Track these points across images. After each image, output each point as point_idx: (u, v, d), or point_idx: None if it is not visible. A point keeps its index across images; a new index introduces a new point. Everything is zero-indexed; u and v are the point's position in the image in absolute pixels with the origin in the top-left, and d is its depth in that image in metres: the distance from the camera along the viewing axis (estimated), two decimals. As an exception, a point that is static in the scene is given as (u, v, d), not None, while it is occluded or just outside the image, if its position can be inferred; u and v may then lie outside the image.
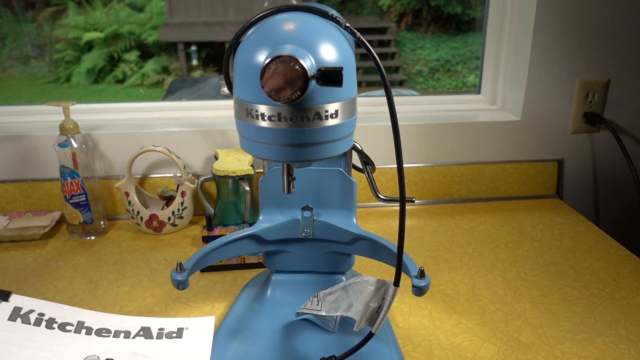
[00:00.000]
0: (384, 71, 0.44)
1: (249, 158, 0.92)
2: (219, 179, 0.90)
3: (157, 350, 0.61)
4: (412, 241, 0.92)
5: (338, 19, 0.46)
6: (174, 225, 0.94)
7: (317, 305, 0.61)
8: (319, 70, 0.43)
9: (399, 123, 0.53)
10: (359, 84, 0.52)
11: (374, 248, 0.64)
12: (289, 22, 0.46)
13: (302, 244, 0.68)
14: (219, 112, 1.09)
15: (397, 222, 0.99)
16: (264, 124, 0.47)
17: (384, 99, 0.66)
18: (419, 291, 0.55)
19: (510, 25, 1.06)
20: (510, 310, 0.73)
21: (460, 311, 0.73)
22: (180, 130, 0.99)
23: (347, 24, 0.46)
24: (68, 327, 0.64)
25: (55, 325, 0.64)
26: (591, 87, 1.04)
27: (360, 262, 0.84)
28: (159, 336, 0.64)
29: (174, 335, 0.64)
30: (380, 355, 0.60)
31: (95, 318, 0.66)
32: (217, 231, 0.88)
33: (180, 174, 0.92)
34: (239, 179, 0.90)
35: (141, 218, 0.93)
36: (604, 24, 1.00)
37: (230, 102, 1.07)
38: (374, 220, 1.00)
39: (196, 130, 1.00)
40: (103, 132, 0.98)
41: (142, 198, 0.96)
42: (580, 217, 1.01)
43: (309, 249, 0.68)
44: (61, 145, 0.88)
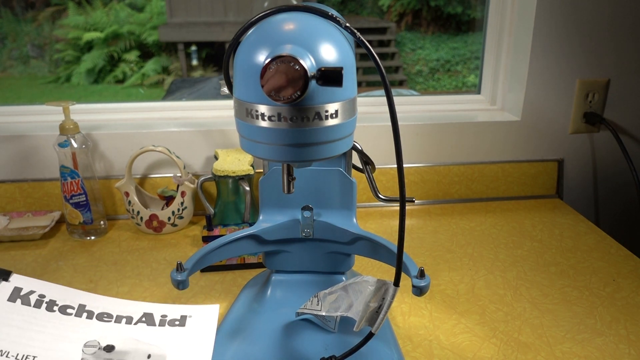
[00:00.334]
0: (384, 71, 0.44)
1: (249, 158, 0.92)
2: (219, 179, 0.90)
3: (159, 338, 0.60)
4: (412, 241, 0.92)
5: (338, 19, 0.46)
6: (174, 225, 0.94)
7: (317, 305, 0.61)
8: (319, 70, 0.43)
9: (399, 123, 0.53)
10: (359, 84, 0.52)
11: (374, 248, 0.64)
12: (289, 22, 0.46)
13: (302, 244, 0.68)
14: (219, 112, 1.09)
15: (397, 222, 0.99)
16: (264, 124, 0.47)
17: (384, 99, 0.66)
18: (419, 291, 0.55)
19: (510, 25, 1.06)
20: (510, 310, 0.73)
21: (460, 311, 0.73)
22: (180, 130, 0.99)
23: (347, 24, 0.46)
24: (69, 310, 0.62)
25: (56, 308, 0.62)
26: (591, 87, 1.04)
27: (360, 262, 0.84)
28: (162, 323, 0.62)
29: (177, 323, 0.62)
30: (380, 355, 0.60)
31: (97, 302, 0.65)
32: (217, 231, 0.88)
33: (180, 174, 0.92)
34: (239, 179, 0.90)
35: (141, 218, 0.93)
36: (604, 24, 1.00)
37: (230, 102, 1.07)
38: (374, 220, 1.00)
39: (196, 130, 1.00)
40: (103, 132, 0.98)
41: (142, 198, 0.96)
42: (580, 217, 1.01)
43: (309, 249, 0.68)
44: (61, 145, 0.88)
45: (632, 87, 1.05)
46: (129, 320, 0.62)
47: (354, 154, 0.66)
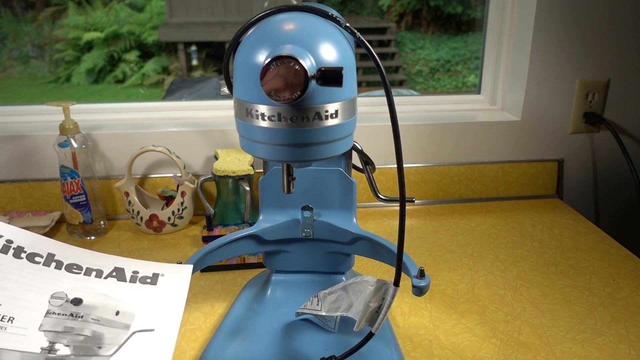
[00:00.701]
0: (384, 71, 0.44)
1: (249, 158, 0.92)
2: (219, 179, 0.90)
3: (129, 295, 0.58)
4: (412, 241, 0.92)
5: (338, 19, 0.46)
6: (174, 225, 0.94)
7: (317, 305, 0.61)
8: (319, 70, 0.43)
9: (399, 123, 0.53)
10: (359, 84, 0.52)
11: (374, 248, 0.64)
12: (289, 22, 0.46)
13: (302, 244, 0.68)
14: (219, 112, 1.09)
15: (397, 222, 0.99)
16: (264, 124, 0.47)
17: (384, 99, 0.66)
18: (419, 291, 0.55)
19: (510, 25, 1.06)
20: (510, 310, 0.73)
21: (460, 311, 0.73)
22: (180, 130, 0.99)
23: (347, 24, 0.46)
24: (37, 259, 0.59)
25: (23, 255, 0.58)
26: (591, 87, 1.04)
27: (360, 262, 0.84)
28: (133, 280, 0.60)
29: (149, 281, 0.60)
30: (380, 355, 0.60)
31: (66, 251, 0.61)
32: (217, 231, 0.88)
33: (180, 174, 0.92)
34: (239, 179, 0.90)
35: (141, 218, 0.93)
36: (604, 24, 1.00)
37: (230, 102, 1.07)
38: (374, 220, 1.00)
39: (196, 130, 1.00)
40: (103, 132, 0.98)
41: (142, 198, 0.96)
42: (580, 217, 1.01)
43: (309, 249, 0.68)
44: (61, 145, 0.88)
45: (632, 87, 1.05)
46: (99, 273, 0.59)
47: (354, 154, 0.66)
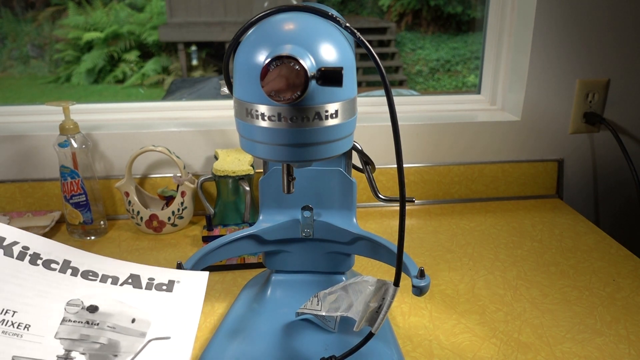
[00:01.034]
0: (384, 71, 0.44)
1: (249, 158, 0.92)
2: (219, 179, 0.90)
3: (145, 302, 0.58)
4: (412, 241, 0.92)
5: (338, 19, 0.46)
6: (174, 225, 0.94)
7: (317, 305, 0.61)
8: (319, 70, 0.43)
9: (399, 123, 0.53)
10: (359, 84, 0.52)
11: (374, 248, 0.64)
12: (289, 22, 0.46)
13: (302, 244, 0.68)
14: (219, 112, 1.09)
15: (397, 222, 0.99)
16: (264, 124, 0.47)
17: (384, 99, 0.66)
18: (419, 291, 0.55)
19: (510, 25, 1.06)
20: (510, 310, 0.73)
21: (460, 311, 0.73)
22: (180, 130, 0.99)
23: (347, 24, 0.46)
24: (53, 265, 0.59)
25: (39, 262, 0.58)
26: (591, 87, 1.04)
27: (360, 262, 0.84)
28: (149, 286, 0.60)
29: (164, 287, 0.60)
30: (380, 355, 0.60)
31: (82, 258, 0.61)
32: (217, 231, 0.88)
33: (180, 174, 0.92)
34: (239, 179, 0.90)
35: (141, 218, 0.93)
36: (604, 24, 1.00)
37: (230, 102, 1.07)
38: (374, 220, 1.00)
39: (196, 130, 1.00)
40: (103, 132, 0.98)
41: (142, 198, 0.96)
42: (580, 217, 1.01)
43: (309, 249, 0.68)
44: (61, 145, 0.88)
45: (632, 87, 1.05)
46: (114, 280, 0.59)
47: (354, 154, 0.66)
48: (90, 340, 0.53)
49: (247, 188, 0.89)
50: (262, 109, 0.46)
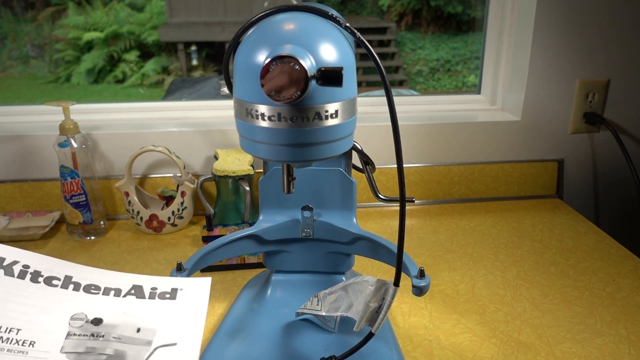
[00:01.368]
0: (384, 71, 0.44)
1: (249, 158, 0.92)
2: (219, 179, 0.90)
3: (149, 311, 0.58)
4: (412, 241, 0.92)
5: (338, 19, 0.46)
6: (174, 225, 0.94)
7: (317, 305, 0.61)
8: (319, 70, 0.43)
9: (399, 123, 0.53)
10: (359, 84, 0.52)
11: (374, 248, 0.64)
12: (289, 22, 0.46)
13: (302, 244, 0.68)
14: (219, 112, 1.09)
15: (397, 222, 0.99)
16: (264, 123, 0.47)
17: (384, 99, 0.66)
18: (419, 291, 0.55)
19: (510, 25, 1.06)
20: (510, 310, 0.73)
21: (460, 311, 0.73)
22: (180, 130, 0.99)
23: (347, 24, 0.46)
24: (55, 282, 0.59)
25: (40, 279, 0.59)
26: (591, 87, 1.04)
27: (360, 262, 0.84)
28: (152, 296, 0.60)
29: (168, 296, 0.60)
30: (380, 355, 0.60)
31: (84, 273, 0.62)
32: (217, 231, 0.88)
33: (180, 174, 0.92)
34: (239, 179, 0.90)
35: (141, 218, 0.93)
36: (604, 24, 1.00)
37: (230, 102, 1.07)
38: (374, 220, 1.00)
39: (196, 130, 1.00)
40: (103, 132, 0.98)
41: (142, 198, 0.96)
42: (580, 217, 1.01)
43: (309, 249, 0.68)
44: (61, 145, 0.88)
45: (632, 87, 1.05)
46: (117, 292, 0.60)
47: (354, 154, 0.66)
48: (96, 352, 0.53)
49: (247, 188, 0.89)
50: (262, 109, 0.46)
